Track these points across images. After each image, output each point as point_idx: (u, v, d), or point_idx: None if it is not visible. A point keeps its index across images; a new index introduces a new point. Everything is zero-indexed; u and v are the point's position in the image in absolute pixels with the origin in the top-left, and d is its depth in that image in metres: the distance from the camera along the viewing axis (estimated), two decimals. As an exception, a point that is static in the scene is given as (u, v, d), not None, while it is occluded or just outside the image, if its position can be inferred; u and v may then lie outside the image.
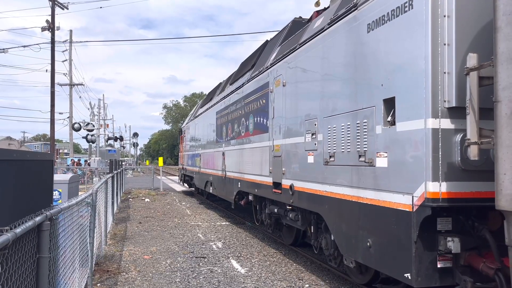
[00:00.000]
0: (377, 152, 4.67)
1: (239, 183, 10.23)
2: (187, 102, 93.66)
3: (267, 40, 10.27)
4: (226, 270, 7.37)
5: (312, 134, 6.26)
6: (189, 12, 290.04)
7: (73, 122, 36.61)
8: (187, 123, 21.82)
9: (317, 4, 7.42)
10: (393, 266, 4.39)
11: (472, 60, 3.45)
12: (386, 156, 4.52)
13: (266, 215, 8.94)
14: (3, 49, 33.45)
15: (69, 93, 38.09)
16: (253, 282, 6.70)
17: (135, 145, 71.30)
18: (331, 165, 5.69)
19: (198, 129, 17.27)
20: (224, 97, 12.34)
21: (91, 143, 41.85)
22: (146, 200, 18.92)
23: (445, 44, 3.91)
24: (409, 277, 4.11)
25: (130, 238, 10.21)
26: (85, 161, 39.45)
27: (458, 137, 3.89)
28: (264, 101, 8.50)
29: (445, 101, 3.90)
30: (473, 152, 3.42)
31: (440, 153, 3.89)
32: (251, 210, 10.34)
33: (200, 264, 7.77)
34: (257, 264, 7.73)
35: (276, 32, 9.96)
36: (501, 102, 3.05)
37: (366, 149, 4.88)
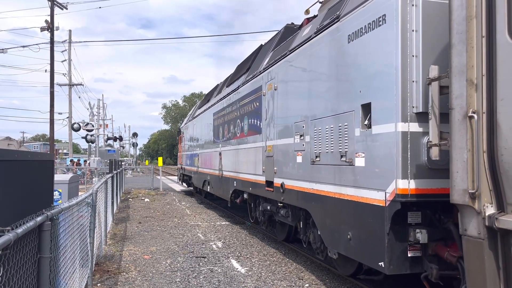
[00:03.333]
0: (356, 153, 5.14)
1: (234, 182, 10.72)
2: (186, 102, 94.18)
3: (261, 45, 10.76)
4: (226, 269, 7.43)
5: (301, 136, 6.74)
6: (188, 11, 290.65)
7: (72, 122, 36.66)
8: (185, 124, 22.32)
9: (307, 12, 7.88)
10: (369, 256, 4.86)
11: (433, 71, 3.92)
12: (363, 156, 4.99)
13: (260, 212, 9.42)
14: (2, 49, 33.29)
15: (68, 93, 38.20)
16: (253, 281, 6.75)
17: (134, 145, 71.47)
18: (317, 164, 6.17)
19: (196, 129, 17.78)
20: (221, 99, 12.83)
21: (90, 143, 41.86)
22: (146, 200, 19.03)
23: (413, 56, 4.38)
24: (383, 265, 4.58)
25: (130, 238, 10.27)
26: (85, 161, 39.97)
27: (425, 139, 4.36)
28: (257, 103, 8.98)
29: (413, 107, 4.37)
30: (434, 153, 3.88)
31: (409, 153, 4.36)
32: (250, 209, 10.81)
33: (200, 264, 7.82)
34: (257, 264, 7.79)
35: (276, 31, 10.41)
36: (455, 109, 3.52)
37: (346, 149, 5.35)
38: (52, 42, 29.00)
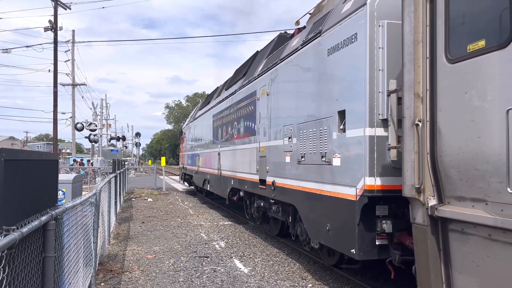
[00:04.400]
0: (333, 154, 5.89)
1: (232, 181, 11.49)
2: (189, 102, 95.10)
3: (257, 51, 11.53)
4: (229, 269, 7.52)
5: (289, 138, 7.49)
6: (191, 11, 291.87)
7: (75, 122, 37.02)
8: (187, 124, 23.18)
9: (297, 23, 8.62)
10: (343, 244, 5.61)
11: (392, 84, 4.65)
12: (339, 157, 5.73)
13: (254, 209, 10.19)
14: (6, 49, 33.61)
15: (72, 93, 38.38)
16: (257, 281, 6.85)
17: (137, 145, 72.14)
18: (302, 164, 6.91)
19: (197, 130, 18.58)
20: (220, 102, 13.61)
21: (93, 143, 42.16)
22: (149, 199, 19.28)
23: (379, 70, 5.11)
24: (354, 252, 5.32)
25: (133, 237, 10.39)
26: (88, 161, 40.42)
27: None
28: (252, 107, 9.74)
29: (379, 114, 5.10)
30: (392, 154, 4.62)
31: (375, 154, 5.09)
32: (246, 206, 11.55)
33: (203, 263, 7.93)
34: (260, 264, 7.91)
35: (279, 31, 11.11)
36: (405, 118, 4.25)
37: (326, 150, 6.10)
38: (55, 42, 29.59)
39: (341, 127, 5.74)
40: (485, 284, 3.56)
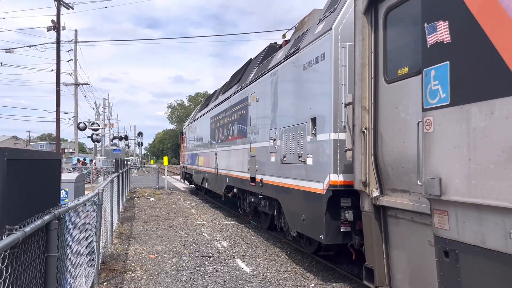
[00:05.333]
0: (307, 154, 6.99)
1: (227, 179, 12.64)
2: (191, 101, 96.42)
3: (251, 59, 12.65)
4: (231, 269, 7.64)
5: (274, 140, 8.60)
6: (194, 11, 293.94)
7: (78, 121, 37.16)
8: (187, 125, 24.44)
9: (284, 36, 9.74)
10: (314, 231, 6.72)
11: (348, 98, 5.74)
12: (311, 157, 6.84)
13: (247, 204, 11.32)
14: (9, 49, 34.15)
15: (74, 93, 38.70)
16: (259, 281, 6.95)
17: (139, 144, 73.03)
18: (284, 163, 8.03)
19: (196, 131, 19.78)
20: (217, 105, 14.77)
21: (96, 143, 42.51)
22: (151, 199, 19.50)
23: (342, 84, 6.21)
24: (322, 237, 6.43)
25: (135, 237, 10.52)
26: (91, 160, 41.21)
27: (349, 145, 6.19)
28: (244, 111, 10.87)
29: (342, 122, 6.20)
30: (348, 155, 5.71)
31: (338, 155, 6.19)
32: (239, 202, 12.67)
33: (206, 263, 8.04)
34: (263, 264, 8.03)
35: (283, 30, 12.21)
36: (356, 125, 5.35)
37: (302, 151, 7.21)
38: (58, 42, 29.34)
39: (313, 131, 6.85)
40: (409, 257, 4.66)
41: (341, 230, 6.39)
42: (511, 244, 3.21)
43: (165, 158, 30.30)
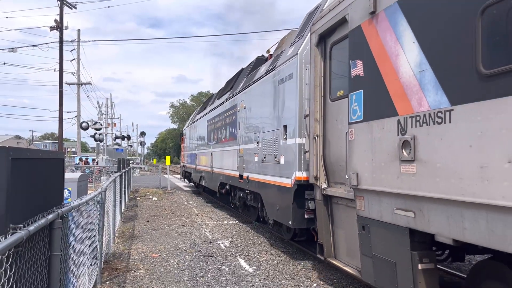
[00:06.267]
0: (280, 155, 8.68)
1: (220, 177, 14.37)
2: (193, 101, 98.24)
3: (242, 68, 14.38)
4: (234, 268, 7.84)
5: (257, 143, 10.30)
6: (196, 10, 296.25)
7: (81, 121, 37.98)
8: (187, 126, 26.31)
9: (268, 51, 11.43)
10: (285, 218, 8.40)
11: (307, 111, 7.42)
12: (283, 157, 8.53)
13: (237, 199, 13.03)
14: (12, 48, 34.96)
15: (77, 92, 39.00)
16: (261, 281, 7.11)
17: (142, 144, 74.41)
18: (264, 162, 9.72)
19: (195, 133, 21.58)
20: (213, 109, 16.53)
21: (98, 142, 43.94)
22: (154, 198, 19.99)
23: (305, 99, 7.88)
24: (290, 223, 8.11)
25: (138, 236, 10.76)
26: (93, 159, 41.73)
27: (312, 148, 7.86)
28: (234, 117, 12.58)
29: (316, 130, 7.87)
30: (307, 156, 7.39)
31: (302, 156, 7.87)
32: (231, 197, 14.36)
33: (208, 262, 8.24)
34: (265, 263, 8.25)
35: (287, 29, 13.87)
36: (310, 133, 7.03)
37: (277, 153, 8.89)
38: (61, 41, 30.13)
39: (284, 136, 8.54)
40: (346, 233, 6.34)
41: (306, 217, 8.06)
42: (395, 217, 4.87)
43: (168, 158, 30.97)
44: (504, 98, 3.37)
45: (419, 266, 4.59)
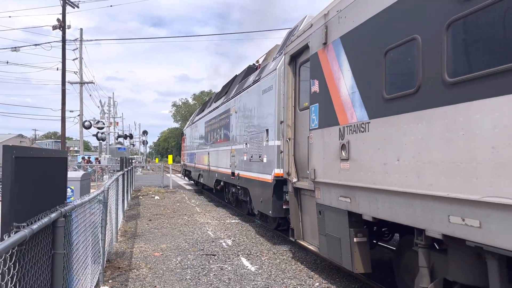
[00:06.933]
0: (263, 155, 10.32)
1: (216, 174, 16.04)
2: (196, 100, 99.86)
3: (236, 75, 16.04)
4: (236, 267, 7.96)
5: (246, 144, 11.94)
6: (199, 10, 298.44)
7: (83, 120, 38.66)
8: (187, 127, 28.07)
9: (257, 61, 13.06)
10: (267, 209, 10.04)
11: (282, 118, 9.03)
12: (266, 157, 10.16)
13: (230, 194, 14.69)
14: (15, 47, 35.54)
15: (80, 91, 39.52)
16: (264, 280, 7.24)
17: (144, 143, 75.61)
18: (251, 161, 11.37)
19: (194, 133, 23.31)
20: (210, 112, 18.23)
21: (101, 141, 44.90)
22: (156, 197, 20.39)
23: (282, 107, 9.50)
24: (271, 212, 9.75)
25: (140, 235, 10.98)
26: (96, 158, 42.74)
27: (288, 148, 9.50)
28: (228, 120, 14.24)
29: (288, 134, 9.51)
30: (281, 156, 9.01)
31: (280, 155, 9.50)
32: (225, 192, 16.01)
33: (210, 261, 8.38)
34: (267, 262, 8.40)
35: (288, 28, 15.59)
36: (284, 136, 8.66)
37: (261, 153, 10.53)
38: (63, 40, 30.58)
39: (267, 139, 10.17)
40: (310, 218, 7.96)
41: (284, 207, 9.69)
42: (339, 203, 6.47)
43: (170, 157, 31.35)
44: (397, 116, 4.98)
45: (355, 240, 6.21)
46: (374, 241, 7.12)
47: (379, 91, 5.31)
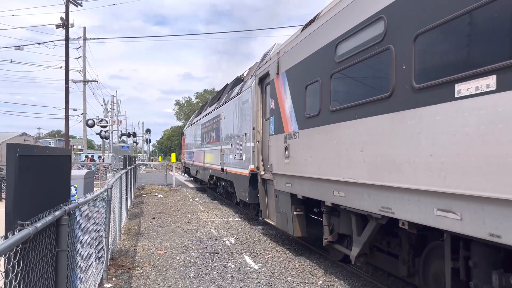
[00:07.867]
0: (244, 154, 13.36)
1: (210, 170, 19.14)
2: (198, 98, 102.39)
3: (227, 84, 19.10)
4: (239, 265, 8.08)
5: (231, 144, 15.00)
6: (202, 8, 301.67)
7: (87, 118, 39.35)
8: (187, 127, 31.30)
9: (242, 75, 16.09)
10: (244, 197, 13.09)
11: (254, 125, 12.04)
12: (245, 155, 13.21)
13: (221, 187, 17.77)
14: (19, 46, 36.33)
15: (83, 90, 40.32)
16: (267, 278, 7.33)
17: (147, 141, 77.81)
18: (235, 159, 14.43)
19: (193, 134, 26.47)
20: (205, 115, 21.35)
21: (104, 139, 45.96)
22: (159, 195, 20.92)
23: (255, 117, 12.52)
24: (248, 200, 12.79)
25: (144, 233, 11.17)
26: (99, 157, 45.07)
27: (260, 149, 12.54)
28: (218, 124, 17.33)
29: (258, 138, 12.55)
30: (253, 154, 12.03)
31: (255, 154, 12.53)
32: (217, 186, 19.08)
33: (214, 259, 8.48)
34: (270, 260, 8.53)
35: (289, 27, 18.64)
36: (255, 139, 11.68)
37: (242, 152, 13.58)
38: (67, 39, 30.71)
39: (245, 141, 13.21)
40: (272, 200, 10.98)
41: (257, 195, 12.67)
42: (286, 188, 9.45)
43: (173, 155, 31.54)
44: (310, 128, 7.97)
45: (295, 213, 9.22)
46: (310, 215, 10.10)
47: (303, 112, 8.32)
